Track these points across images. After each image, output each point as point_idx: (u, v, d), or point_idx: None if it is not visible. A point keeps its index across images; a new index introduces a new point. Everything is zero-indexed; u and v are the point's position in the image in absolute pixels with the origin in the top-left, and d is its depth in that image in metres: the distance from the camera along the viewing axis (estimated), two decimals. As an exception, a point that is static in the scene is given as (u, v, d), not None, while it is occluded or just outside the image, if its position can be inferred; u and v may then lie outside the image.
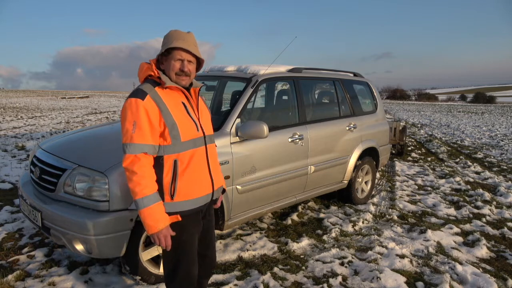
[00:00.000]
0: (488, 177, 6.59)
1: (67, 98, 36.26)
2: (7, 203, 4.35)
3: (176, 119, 1.73)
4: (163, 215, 1.72)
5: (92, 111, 20.28)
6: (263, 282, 2.78)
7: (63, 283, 2.71)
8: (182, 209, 1.79)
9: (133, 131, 1.67)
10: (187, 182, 1.77)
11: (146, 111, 1.67)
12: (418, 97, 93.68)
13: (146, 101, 1.68)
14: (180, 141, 1.73)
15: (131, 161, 1.67)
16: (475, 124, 19.01)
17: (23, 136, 9.90)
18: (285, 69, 3.91)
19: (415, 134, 13.31)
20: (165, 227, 1.72)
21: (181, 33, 1.77)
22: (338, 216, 4.32)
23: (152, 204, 1.68)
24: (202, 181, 1.84)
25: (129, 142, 1.67)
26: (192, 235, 1.89)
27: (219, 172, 2.01)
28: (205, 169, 1.85)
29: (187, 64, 1.77)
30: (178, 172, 1.74)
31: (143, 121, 1.67)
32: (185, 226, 1.83)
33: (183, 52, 1.74)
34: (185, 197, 1.78)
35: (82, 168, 2.54)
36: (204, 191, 1.85)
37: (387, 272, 2.96)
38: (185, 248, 1.86)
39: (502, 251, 3.59)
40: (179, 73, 1.77)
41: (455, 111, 33.39)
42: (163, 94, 1.75)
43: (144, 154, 1.68)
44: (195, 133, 1.80)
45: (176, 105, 1.76)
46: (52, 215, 2.50)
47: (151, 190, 1.69)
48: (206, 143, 1.86)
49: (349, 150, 4.38)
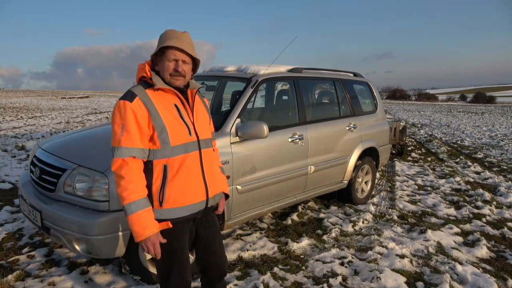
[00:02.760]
0: (488, 177, 6.58)
1: (67, 98, 36.26)
2: (7, 203, 4.35)
3: (166, 123, 1.66)
4: (151, 222, 1.64)
5: (92, 111, 20.29)
6: (263, 282, 2.78)
7: (63, 283, 2.71)
8: (171, 217, 1.70)
9: (121, 134, 1.61)
10: (177, 188, 1.69)
11: (134, 113, 1.61)
12: (418, 97, 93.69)
13: (135, 103, 1.62)
14: (170, 145, 1.65)
15: (119, 165, 1.62)
16: (475, 124, 19.01)
17: (23, 136, 9.90)
18: (285, 69, 3.91)
19: (415, 134, 13.31)
20: (153, 234, 1.64)
21: (176, 32, 1.71)
22: (338, 216, 4.32)
23: (139, 210, 1.60)
24: (194, 188, 1.74)
25: (117, 146, 1.62)
26: (184, 241, 1.81)
27: (216, 178, 1.91)
28: (197, 176, 1.76)
29: (181, 64, 1.69)
30: (168, 178, 1.67)
31: (131, 124, 1.61)
32: (175, 233, 1.75)
33: (177, 52, 1.67)
34: (174, 204, 1.69)
35: (82, 168, 2.54)
36: (196, 199, 1.75)
37: (387, 272, 2.96)
38: (176, 255, 1.79)
39: (502, 251, 3.59)
40: (173, 74, 1.69)
41: (455, 111, 33.39)
42: (154, 96, 1.68)
43: (132, 158, 1.62)
44: (187, 138, 1.71)
45: (167, 108, 1.69)
46: (52, 215, 2.50)
47: (139, 195, 1.61)
48: (200, 147, 1.77)
49: (349, 150, 4.38)
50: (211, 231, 1.95)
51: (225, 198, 2.05)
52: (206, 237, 1.93)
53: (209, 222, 1.94)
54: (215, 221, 1.99)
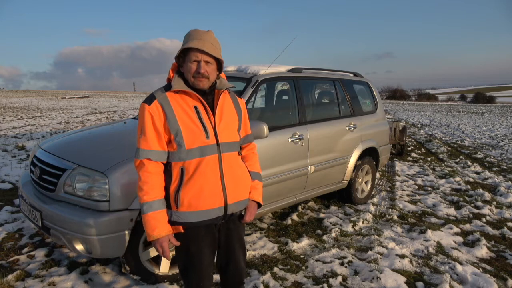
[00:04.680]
0: (488, 177, 6.58)
1: (67, 98, 36.28)
2: (7, 203, 4.35)
3: (182, 125, 1.64)
4: (160, 224, 1.64)
5: (92, 111, 20.29)
6: (263, 282, 2.78)
7: (63, 283, 2.70)
8: (186, 220, 1.69)
9: (140, 135, 1.65)
10: (191, 192, 1.66)
11: (151, 116, 1.63)
12: (418, 97, 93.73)
13: (153, 106, 1.64)
14: (185, 148, 1.64)
15: (138, 165, 1.67)
16: (475, 124, 19.02)
17: (23, 136, 9.90)
18: (285, 69, 3.91)
19: (415, 134, 13.32)
20: (161, 236, 1.64)
21: (198, 32, 1.66)
22: (338, 216, 4.32)
23: (150, 211, 1.63)
24: (210, 193, 1.68)
25: (137, 147, 1.66)
26: (201, 248, 1.76)
27: (240, 183, 1.79)
28: (214, 180, 1.68)
29: (203, 66, 1.64)
30: (184, 181, 1.66)
31: (148, 126, 1.64)
32: (191, 237, 1.74)
33: (199, 53, 1.63)
34: (189, 208, 1.67)
35: (82, 168, 2.54)
36: (211, 204, 1.69)
37: (387, 272, 2.96)
38: (193, 261, 1.77)
39: (502, 251, 3.59)
40: (196, 75, 1.65)
41: (455, 111, 33.40)
42: (174, 98, 1.67)
43: (148, 160, 1.64)
44: (203, 141, 1.66)
45: (185, 110, 1.66)
46: (52, 215, 2.50)
47: (152, 197, 1.63)
48: (220, 151, 1.70)
49: (349, 150, 4.38)
50: (232, 238, 1.88)
51: (258, 206, 1.93)
52: (227, 243, 1.87)
53: (231, 230, 1.86)
54: (239, 229, 1.90)
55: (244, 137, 1.90)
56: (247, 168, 1.88)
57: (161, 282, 2.70)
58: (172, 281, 2.74)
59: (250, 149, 1.96)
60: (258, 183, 1.94)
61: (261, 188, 1.96)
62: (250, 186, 1.87)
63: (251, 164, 1.94)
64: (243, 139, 1.89)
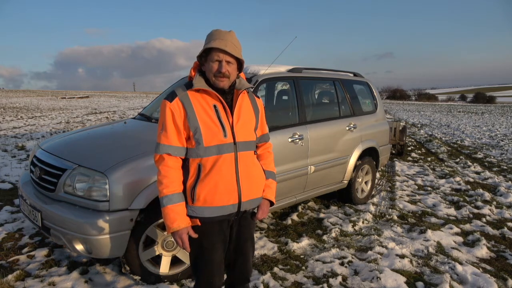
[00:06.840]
0: (488, 177, 6.58)
1: (67, 98, 36.28)
2: (7, 203, 4.35)
3: (201, 123, 1.69)
4: (179, 217, 1.69)
5: (92, 111, 20.29)
6: (263, 282, 2.78)
7: (63, 283, 2.70)
8: (201, 215, 1.74)
9: (161, 131, 1.71)
10: (207, 188, 1.71)
11: (172, 113, 1.68)
12: (418, 97, 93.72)
13: (174, 103, 1.69)
14: (203, 145, 1.69)
15: (157, 159, 1.72)
16: (475, 124, 19.01)
17: (23, 136, 9.90)
18: (285, 69, 3.91)
19: (415, 134, 13.32)
20: (180, 229, 1.69)
21: (220, 32, 1.70)
22: (338, 216, 4.32)
23: (169, 204, 1.68)
24: (225, 190, 1.73)
25: (157, 142, 1.72)
26: (214, 244, 1.81)
27: (254, 182, 1.83)
28: (230, 178, 1.73)
29: (225, 65, 1.68)
30: (201, 177, 1.71)
31: (169, 123, 1.69)
32: (205, 232, 1.78)
33: (221, 53, 1.67)
34: (205, 203, 1.72)
35: (82, 168, 2.54)
36: (226, 201, 1.74)
37: (387, 272, 2.96)
38: (204, 255, 1.81)
39: (502, 251, 3.59)
40: (217, 75, 1.69)
41: (455, 111, 33.40)
42: (195, 96, 1.72)
43: (167, 155, 1.70)
44: (221, 139, 1.70)
45: (205, 109, 1.71)
46: (52, 215, 2.51)
47: (171, 190, 1.69)
48: (237, 150, 1.74)
49: (349, 150, 4.38)
50: (243, 235, 1.92)
51: (270, 205, 1.97)
52: (238, 239, 1.91)
53: (242, 226, 1.90)
54: (250, 227, 1.95)
55: (260, 136, 1.94)
56: (262, 167, 1.92)
57: (161, 282, 2.70)
58: (172, 281, 2.74)
59: (266, 148, 2.00)
60: (272, 182, 1.97)
61: (275, 187, 1.99)
62: (264, 185, 1.91)
63: (266, 163, 1.98)
64: (259, 138, 1.93)
